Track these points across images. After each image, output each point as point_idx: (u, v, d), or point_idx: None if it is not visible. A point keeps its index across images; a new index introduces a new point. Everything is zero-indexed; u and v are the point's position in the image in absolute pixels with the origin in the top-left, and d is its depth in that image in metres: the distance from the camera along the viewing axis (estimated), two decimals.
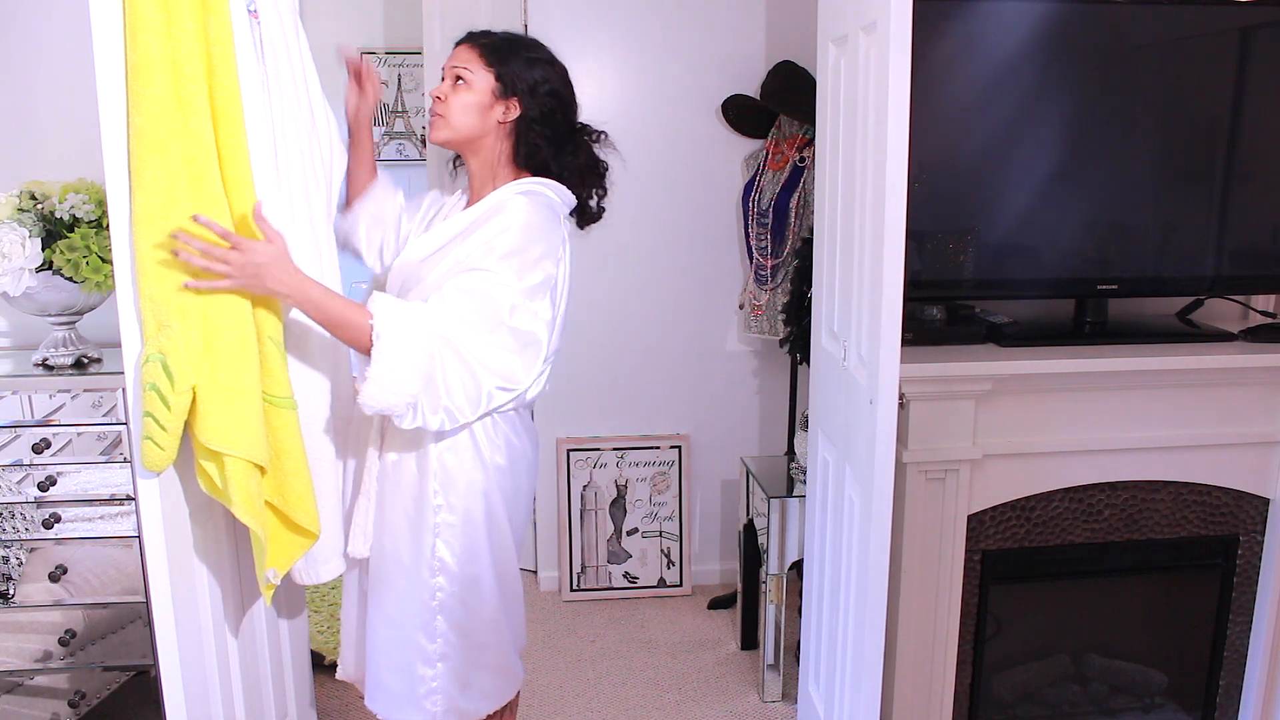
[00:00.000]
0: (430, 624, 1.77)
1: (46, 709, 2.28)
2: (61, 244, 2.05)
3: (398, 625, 1.78)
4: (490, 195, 1.74)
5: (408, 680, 1.79)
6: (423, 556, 1.75)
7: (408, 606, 1.77)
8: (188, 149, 1.48)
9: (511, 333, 1.65)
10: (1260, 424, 2.39)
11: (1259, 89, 2.35)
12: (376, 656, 1.81)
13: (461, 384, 1.61)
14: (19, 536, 2.09)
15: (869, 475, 1.92)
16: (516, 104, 1.73)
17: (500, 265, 1.63)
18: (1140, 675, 2.63)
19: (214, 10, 1.51)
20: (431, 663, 1.78)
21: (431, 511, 1.74)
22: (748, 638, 3.05)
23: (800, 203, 2.93)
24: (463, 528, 1.76)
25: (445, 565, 1.76)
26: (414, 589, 1.76)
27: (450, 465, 1.74)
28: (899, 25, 1.73)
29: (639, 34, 3.15)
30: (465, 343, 1.60)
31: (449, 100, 1.73)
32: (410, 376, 1.56)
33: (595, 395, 3.32)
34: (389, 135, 4.96)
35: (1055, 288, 2.46)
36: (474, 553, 1.77)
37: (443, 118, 1.74)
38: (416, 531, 1.75)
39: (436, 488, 1.74)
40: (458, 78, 1.73)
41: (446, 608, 1.77)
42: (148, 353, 1.46)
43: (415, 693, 1.79)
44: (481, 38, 1.75)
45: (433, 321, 1.59)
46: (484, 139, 1.75)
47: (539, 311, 1.68)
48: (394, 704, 1.81)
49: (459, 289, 1.62)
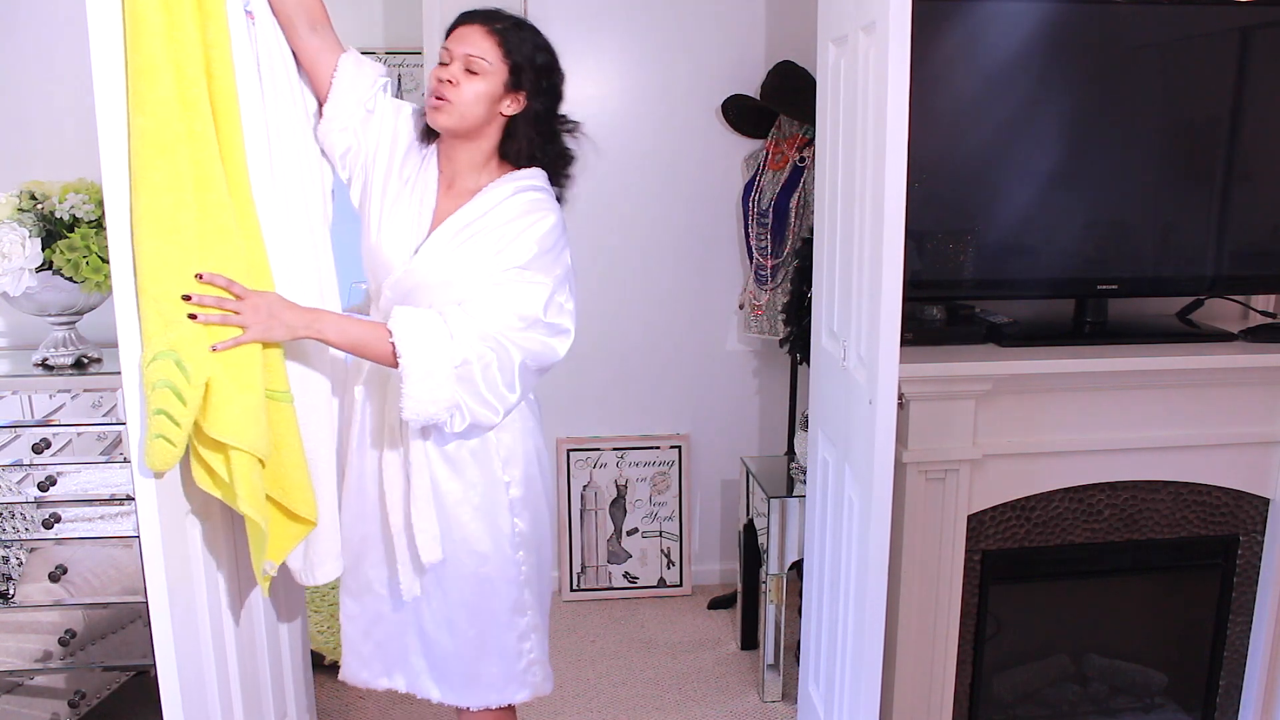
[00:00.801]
0: (520, 599, 1.81)
1: (46, 709, 2.28)
2: (61, 244, 2.06)
3: (487, 613, 1.80)
4: (489, 189, 1.72)
5: (508, 662, 1.82)
6: (503, 536, 1.78)
7: (496, 590, 1.79)
8: (193, 150, 1.48)
9: (548, 327, 1.69)
10: (1260, 424, 2.39)
11: (1259, 89, 2.34)
12: (465, 652, 1.81)
13: (502, 375, 1.64)
14: (19, 536, 2.09)
15: (869, 475, 1.92)
16: (523, 98, 1.70)
17: (532, 266, 1.66)
18: (1140, 675, 2.63)
19: (212, 12, 1.51)
20: (526, 636, 1.83)
21: (504, 490, 1.78)
22: (748, 638, 3.05)
23: (800, 203, 2.93)
24: (526, 496, 1.81)
25: (525, 537, 1.80)
26: (500, 571, 1.78)
27: (508, 441, 1.78)
28: (899, 25, 1.73)
29: (639, 34, 3.15)
30: (506, 337, 1.64)
31: (460, 86, 1.64)
32: (441, 383, 1.58)
33: (595, 395, 3.32)
34: None
35: (1055, 288, 2.46)
36: (539, 515, 1.84)
37: (450, 103, 1.65)
38: (491, 516, 1.77)
39: (501, 466, 1.77)
40: (471, 67, 1.65)
41: (529, 580, 1.82)
42: (156, 350, 1.46)
43: (516, 670, 1.83)
44: (495, 21, 1.67)
45: (461, 326, 1.61)
46: (484, 129, 1.71)
47: (564, 304, 1.72)
48: (495, 691, 1.83)
49: (497, 292, 1.65)
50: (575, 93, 3.20)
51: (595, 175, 3.14)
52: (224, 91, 1.54)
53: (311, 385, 1.79)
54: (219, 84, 1.53)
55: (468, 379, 1.61)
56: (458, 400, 1.61)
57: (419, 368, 1.57)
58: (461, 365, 1.60)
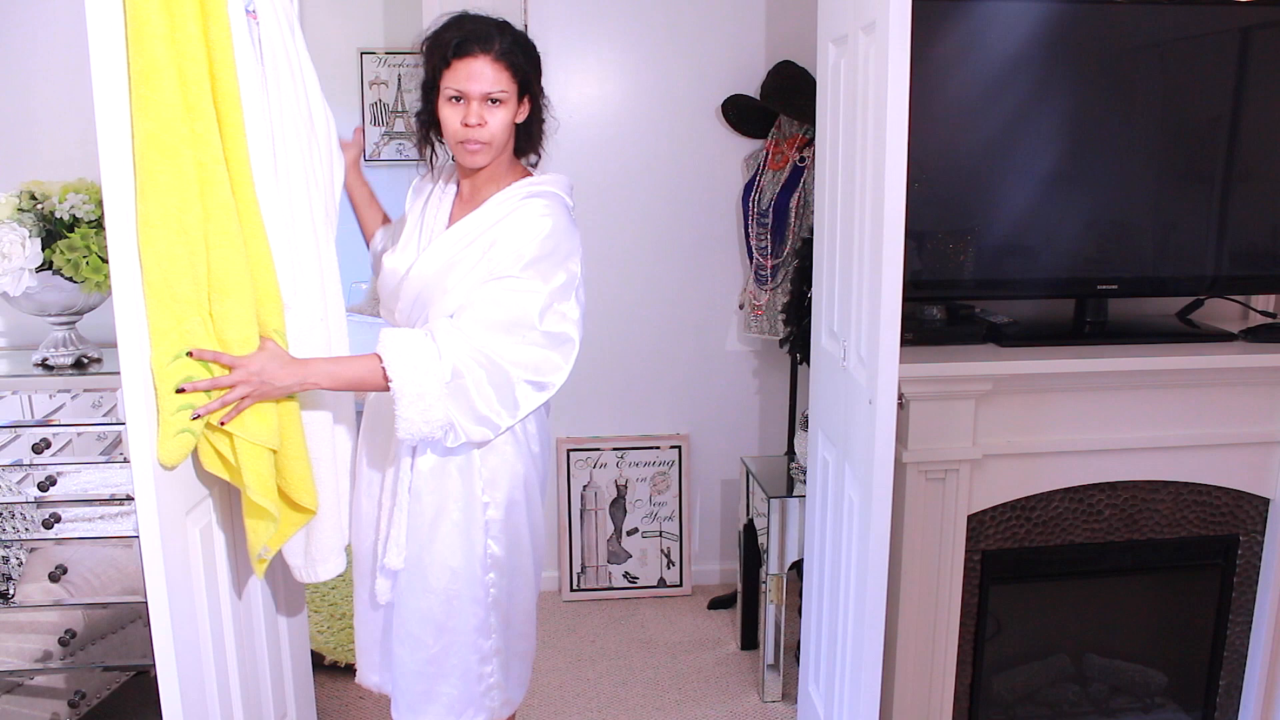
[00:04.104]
0: (485, 622, 1.79)
1: (46, 709, 2.28)
2: (61, 244, 2.05)
3: (450, 630, 1.78)
4: (498, 196, 1.73)
5: (466, 682, 1.80)
6: (475, 556, 1.77)
7: (462, 609, 1.77)
8: (196, 152, 1.49)
9: (544, 336, 1.67)
10: (1260, 424, 2.39)
11: (1259, 89, 2.34)
12: (426, 669, 1.79)
13: (495, 391, 1.64)
14: (19, 536, 2.09)
15: (869, 475, 1.92)
16: (528, 103, 1.72)
17: (527, 272, 1.65)
18: (1140, 675, 2.63)
19: (213, 12, 1.51)
20: (489, 659, 1.81)
21: (480, 510, 1.77)
22: (748, 638, 3.05)
23: (800, 203, 2.93)
24: (507, 521, 1.79)
25: (497, 560, 1.79)
26: (468, 590, 1.77)
27: (494, 462, 1.77)
28: (899, 25, 1.73)
29: (639, 34, 3.15)
30: (495, 350, 1.63)
31: (489, 125, 1.64)
32: (432, 403, 1.59)
33: (595, 395, 3.32)
34: (389, 135, 4.96)
35: (1055, 288, 2.46)
36: (518, 542, 1.82)
37: (488, 145, 1.66)
38: (466, 534, 1.76)
39: (483, 486, 1.76)
40: (494, 100, 1.65)
41: (498, 603, 1.80)
42: (174, 350, 1.48)
43: (475, 693, 1.81)
44: (492, 44, 1.64)
45: (449, 341, 1.61)
46: (508, 144, 1.74)
47: (567, 312, 1.71)
48: (449, 710, 1.80)
49: (487, 299, 1.64)
50: (576, 93, 3.20)
51: (595, 175, 3.16)
52: (227, 92, 1.54)
53: None
54: (222, 85, 1.53)
55: (460, 394, 1.61)
56: (451, 419, 1.62)
57: (410, 389, 1.58)
58: (453, 380, 1.60)
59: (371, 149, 4.97)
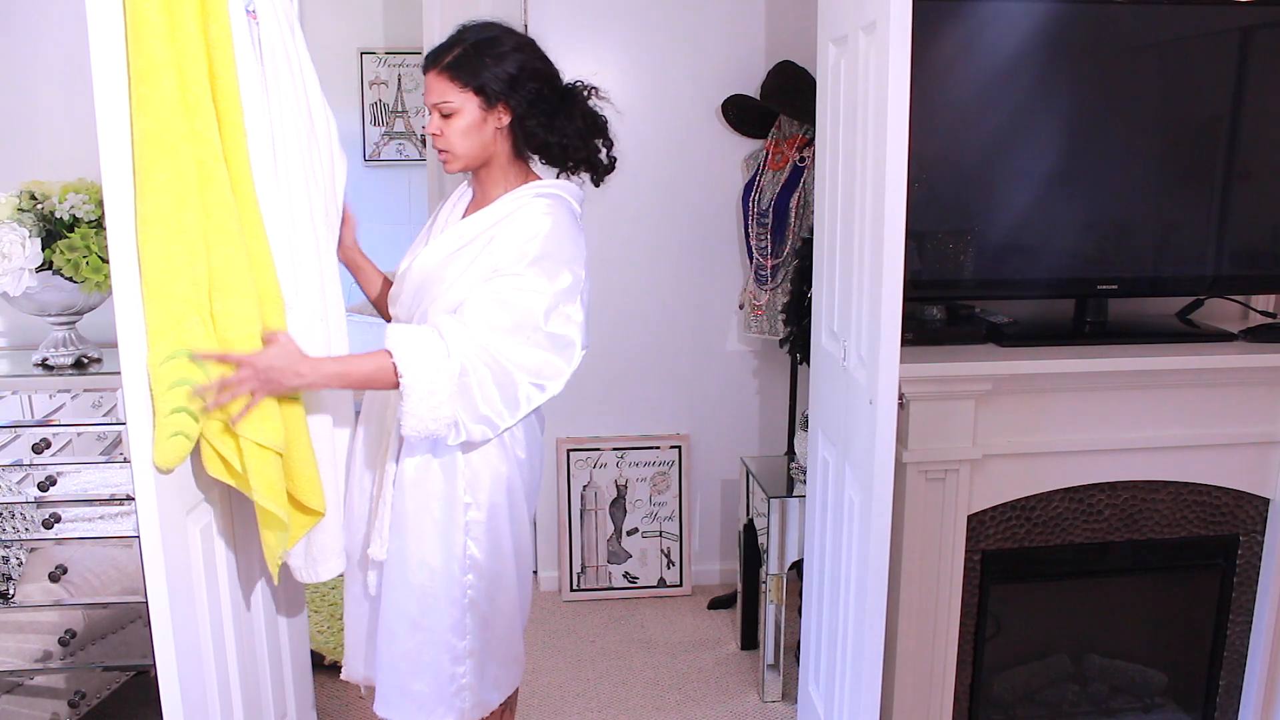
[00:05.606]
0: (461, 622, 1.80)
1: (46, 709, 2.28)
2: (61, 244, 2.05)
3: (425, 628, 1.79)
4: (506, 197, 1.75)
5: (438, 682, 1.80)
6: (454, 556, 1.77)
7: (438, 608, 1.78)
8: (196, 151, 1.49)
9: (548, 337, 1.68)
10: (1260, 424, 2.39)
11: (1259, 89, 2.34)
12: (399, 664, 1.80)
13: (499, 390, 1.65)
14: (19, 536, 2.09)
15: (869, 475, 1.92)
16: (504, 108, 1.72)
17: (531, 270, 1.66)
18: (1140, 675, 2.63)
19: (213, 12, 1.51)
20: (461, 660, 1.81)
21: (461, 510, 1.77)
22: (748, 638, 3.05)
23: (800, 203, 2.93)
24: (489, 523, 1.79)
25: (476, 562, 1.79)
26: (444, 590, 1.78)
27: (477, 464, 1.77)
28: (899, 25, 1.73)
29: (639, 34, 3.15)
30: (499, 349, 1.64)
31: (445, 135, 1.72)
32: (442, 400, 1.60)
33: (595, 395, 3.32)
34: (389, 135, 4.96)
35: (1055, 288, 2.46)
36: (499, 546, 1.81)
37: (449, 153, 1.74)
38: (446, 534, 1.77)
39: (465, 487, 1.77)
40: (443, 112, 1.71)
41: (475, 604, 1.80)
42: (169, 350, 1.47)
43: (446, 693, 1.81)
44: (443, 58, 1.70)
45: (456, 338, 1.62)
46: (490, 149, 1.75)
47: (571, 315, 1.71)
48: (421, 708, 1.81)
49: (491, 297, 1.65)
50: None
51: None
52: (226, 92, 1.54)
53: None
54: (221, 84, 1.54)
55: (465, 393, 1.62)
56: (457, 417, 1.62)
57: (422, 386, 1.59)
58: (461, 376, 1.61)
59: (371, 149, 4.97)
